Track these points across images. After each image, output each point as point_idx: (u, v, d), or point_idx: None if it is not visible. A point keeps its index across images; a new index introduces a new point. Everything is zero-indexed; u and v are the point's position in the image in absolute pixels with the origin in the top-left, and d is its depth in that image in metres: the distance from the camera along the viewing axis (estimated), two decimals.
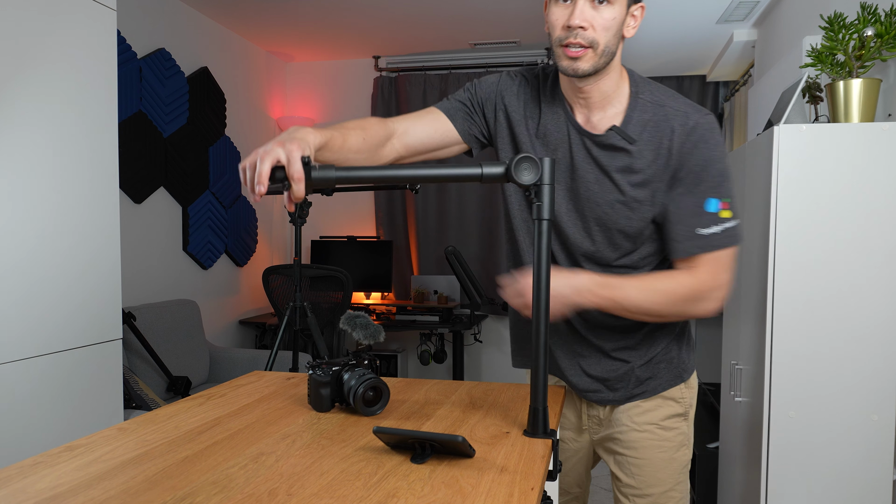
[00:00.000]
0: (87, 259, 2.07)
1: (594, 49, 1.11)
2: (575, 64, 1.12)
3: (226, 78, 4.18)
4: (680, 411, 1.34)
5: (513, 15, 3.90)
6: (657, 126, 1.16)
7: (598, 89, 1.18)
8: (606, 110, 1.20)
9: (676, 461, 1.34)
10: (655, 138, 1.17)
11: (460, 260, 3.87)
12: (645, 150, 1.17)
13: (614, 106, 1.20)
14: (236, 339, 4.37)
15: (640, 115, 1.18)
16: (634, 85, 1.20)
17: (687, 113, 1.16)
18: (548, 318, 1.03)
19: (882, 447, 1.67)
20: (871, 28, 1.69)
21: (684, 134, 1.15)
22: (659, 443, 1.33)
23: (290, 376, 1.50)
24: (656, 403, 1.33)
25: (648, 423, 1.33)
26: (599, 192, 1.21)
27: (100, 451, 1.01)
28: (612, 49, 1.13)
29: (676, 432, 1.34)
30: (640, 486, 1.34)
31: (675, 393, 1.34)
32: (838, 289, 1.68)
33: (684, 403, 1.35)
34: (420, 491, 0.84)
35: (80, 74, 2.03)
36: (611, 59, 1.14)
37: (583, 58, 1.11)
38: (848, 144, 1.66)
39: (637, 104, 1.18)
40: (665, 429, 1.33)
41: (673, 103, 1.18)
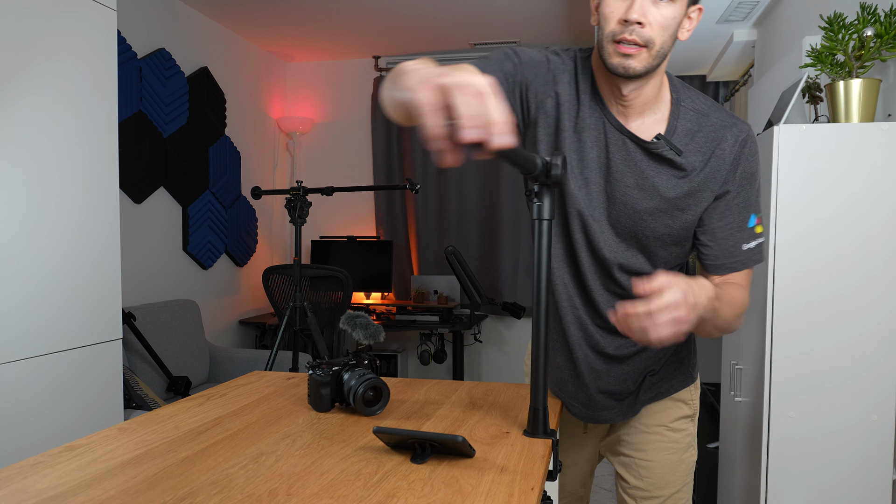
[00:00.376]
0: (87, 259, 2.07)
1: (649, 49, 1.02)
2: (626, 62, 1.03)
3: (226, 78, 4.18)
4: (689, 413, 1.34)
5: (513, 15, 3.90)
6: (706, 137, 1.12)
7: (641, 94, 1.09)
8: (646, 115, 1.12)
9: (685, 462, 1.34)
10: (705, 149, 1.12)
11: (460, 260, 3.87)
12: (693, 160, 1.12)
13: (654, 112, 1.12)
14: (236, 339, 4.37)
15: (685, 124, 1.12)
16: (675, 91, 1.14)
17: (735, 124, 1.13)
18: (548, 318, 1.03)
19: (882, 447, 1.67)
20: (870, 28, 1.69)
21: (737, 146, 1.11)
22: (668, 444, 1.32)
23: (290, 376, 1.50)
24: (666, 405, 1.32)
25: (658, 424, 1.32)
26: (639, 198, 1.14)
27: (100, 451, 1.01)
28: (667, 50, 1.05)
29: (685, 433, 1.33)
30: (648, 487, 1.33)
31: (685, 395, 1.33)
32: (838, 289, 1.68)
33: (693, 405, 1.34)
34: (420, 491, 0.84)
35: (80, 74, 2.03)
36: (663, 60, 1.06)
37: (636, 56, 1.02)
38: (848, 144, 1.66)
39: (680, 112, 1.12)
40: (674, 430, 1.32)
41: (716, 114, 1.13)
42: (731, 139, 1.11)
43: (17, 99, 1.84)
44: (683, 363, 1.32)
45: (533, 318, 1.03)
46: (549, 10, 3.82)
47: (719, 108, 1.14)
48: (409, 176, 4.73)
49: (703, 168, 1.11)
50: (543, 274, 1.01)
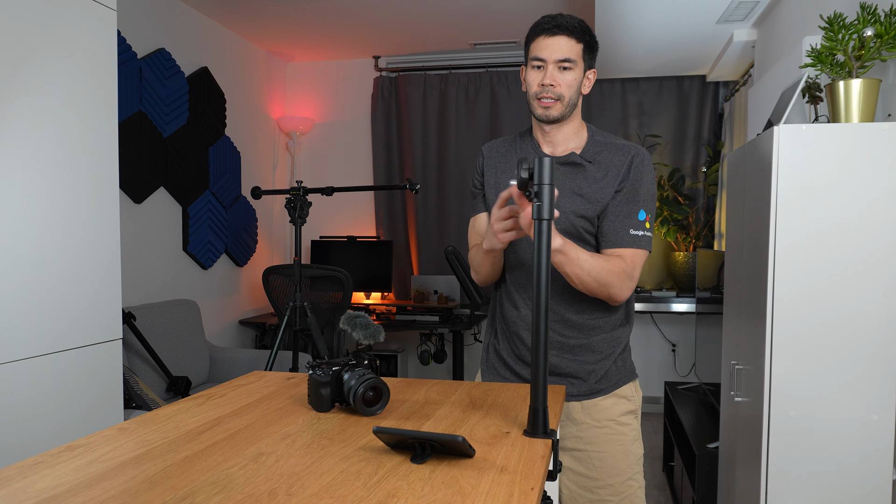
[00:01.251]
0: (87, 259, 2.07)
1: (561, 101, 1.47)
2: (547, 112, 1.48)
3: (226, 78, 4.18)
4: (632, 408, 1.58)
5: (513, 15, 3.90)
6: (609, 154, 1.52)
7: (561, 132, 1.53)
8: (568, 146, 1.54)
9: (632, 453, 1.55)
10: (607, 161, 1.52)
11: (460, 260, 3.87)
12: (598, 169, 1.52)
13: (573, 143, 1.55)
14: (236, 339, 4.37)
15: (594, 147, 1.54)
16: (591, 132, 1.57)
17: (631, 146, 1.54)
18: (547, 318, 1.03)
19: (882, 447, 1.67)
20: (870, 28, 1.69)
21: (629, 158, 1.51)
22: (617, 437, 1.53)
23: (290, 376, 1.50)
24: (612, 402, 1.55)
25: (607, 419, 1.54)
26: (561, 199, 1.50)
27: (100, 451, 1.01)
28: (574, 101, 1.49)
29: (630, 427, 1.56)
30: (601, 476, 1.52)
31: (627, 391, 1.57)
32: (838, 289, 1.68)
33: (635, 401, 1.59)
34: (420, 491, 0.85)
35: (80, 74, 2.03)
36: (573, 108, 1.50)
37: (553, 107, 1.47)
38: (848, 144, 1.66)
39: (593, 142, 1.55)
40: (621, 424, 1.55)
41: (619, 142, 1.55)
42: (624, 155, 1.53)
43: (17, 99, 1.84)
44: (626, 363, 1.60)
45: (533, 317, 1.03)
46: (549, 10, 3.82)
47: (623, 140, 1.56)
48: (409, 176, 4.73)
49: (607, 174, 1.51)
50: (543, 274, 1.01)
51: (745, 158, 2.05)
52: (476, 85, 4.58)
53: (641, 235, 1.48)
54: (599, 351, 1.55)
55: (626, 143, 1.55)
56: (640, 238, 1.48)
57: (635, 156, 1.52)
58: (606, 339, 1.55)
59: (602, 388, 1.55)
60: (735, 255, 2.17)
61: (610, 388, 1.55)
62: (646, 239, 1.49)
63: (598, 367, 1.55)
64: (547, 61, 1.47)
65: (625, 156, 1.52)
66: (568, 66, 1.47)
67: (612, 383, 1.56)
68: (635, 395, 1.59)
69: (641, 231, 1.48)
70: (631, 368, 1.61)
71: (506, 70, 4.53)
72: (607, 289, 1.42)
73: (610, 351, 1.56)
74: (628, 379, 1.59)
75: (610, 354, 1.56)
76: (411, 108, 4.69)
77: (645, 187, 1.50)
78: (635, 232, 1.48)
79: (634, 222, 1.48)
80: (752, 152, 1.97)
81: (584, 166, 1.52)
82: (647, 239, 1.49)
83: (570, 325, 1.54)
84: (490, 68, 4.55)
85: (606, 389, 1.55)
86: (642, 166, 1.51)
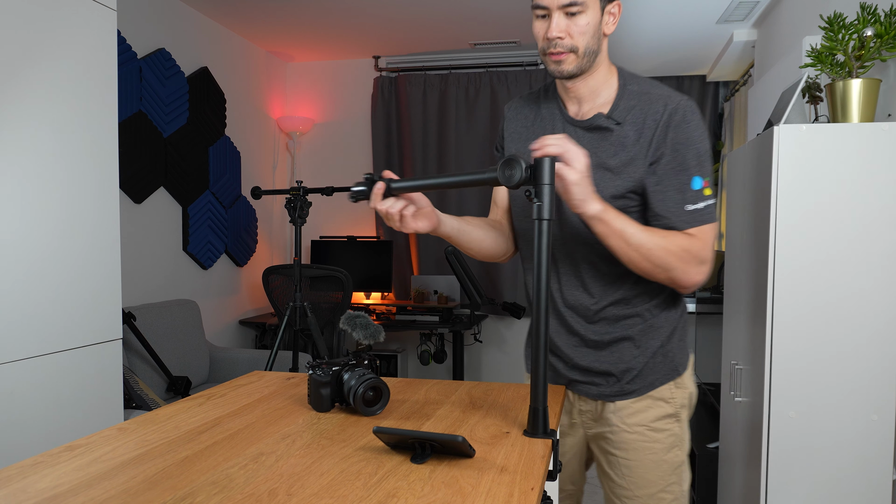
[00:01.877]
0: (87, 259, 2.07)
1: (576, 53, 1.23)
2: (559, 67, 1.25)
3: (226, 78, 4.18)
4: (670, 412, 1.35)
5: (513, 15, 3.90)
6: (642, 109, 1.26)
7: (585, 85, 1.29)
8: (595, 101, 1.30)
9: (667, 462, 1.34)
10: (639, 119, 1.25)
11: (460, 260, 3.87)
12: (629, 130, 1.26)
13: (602, 97, 1.30)
14: (236, 339, 4.37)
15: (626, 102, 1.27)
16: (622, 79, 1.30)
17: (669, 96, 1.26)
18: (548, 318, 1.03)
19: (882, 447, 1.67)
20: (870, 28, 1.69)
21: (665, 114, 1.24)
22: (649, 444, 1.33)
23: (290, 376, 1.50)
24: (646, 404, 1.34)
25: (638, 424, 1.34)
26: None
27: (100, 451, 1.01)
28: (594, 48, 1.24)
29: (667, 434, 1.34)
30: (630, 486, 1.35)
31: (664, 393, 1.35)
32: (838, 289, 1.68)
33: (674, 404, 1.35)
34: (420, 491, 0.84)
35: (80, 74, 2.03)
36: (594, 57, 1.26)
37: (566, 61, 1.24)
38: (848, 144, 1.66)
39: (625, 94, 1.28)
40: (655, 430, 1.34)
41: (656, 90, 1.27)
42: (660, 109, 1.25)
43: (17, 99, 1.84)
44: (668, 356, 1.35)
45: (532, 317, 1.03)
46: None
47: (662, 88, 1.28)
48: (410, 176, 4.73)
49: (639, 138, 1.25)
50: (543, 274, 1.01)
51: (745, 158, 2.05)
52: (476, 85, 4.58)
53: (703, 208, 1.23)
54: (637, 343, 1.34)
55: (664, 93, 1.26)
56: (702, 212, 1.23)
57: (674, 111, 1.23)
58: (644, 330, 1.34)
59: (634, 388, 1.34)
60: (735, 254, 2.17)
61: (644, 389, 1.34)
62: (708, 211, 1.24)
63: (635, 363, 1.34)
64: (550, 8, 1.22)
65: (660, 111, 1.24)
66: (576, 9, 1.21)
67: (646, 383, 1.34)
68: (676, 396, 1.35)
69: (701, 202, 1.23)
70: (674, 364, 1.36)
71: (506, 70, 4.53)
72: (667, 272, 1.21)
73: (646, 344, 1.33)
74: (667, 377, 1.35)
75: (646, 348, 1.33)
76: (411, 108, 4.69)
77: (693, 148, 1.23)
78: (693, 206, 1.23)
79: (690, 195, 1.23)
80: (752, 152, 1.97)
81: (611, 131, 1.27)
82: (709, 210, 1.24)
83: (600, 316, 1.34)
84: (490, 68, 4.55)
85: (639, 391, 1.34)
86: (685, 124, 1.23)
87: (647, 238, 1.19)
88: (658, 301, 1.34)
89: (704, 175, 1.24)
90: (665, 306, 1.35)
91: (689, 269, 1.21)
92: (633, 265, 1.21)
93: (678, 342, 1.36)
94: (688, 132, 1.23)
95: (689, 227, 1.23)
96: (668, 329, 1.35)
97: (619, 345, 1.34)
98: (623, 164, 1.25)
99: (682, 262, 1.21)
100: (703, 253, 1.23)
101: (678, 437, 1.35)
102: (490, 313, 4.61)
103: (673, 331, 1.35)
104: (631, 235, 1.18)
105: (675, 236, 1.22)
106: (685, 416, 1.37)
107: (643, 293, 1.32)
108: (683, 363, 1.37)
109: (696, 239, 1.23)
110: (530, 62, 4.50)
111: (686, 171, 1.23)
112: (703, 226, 1.23)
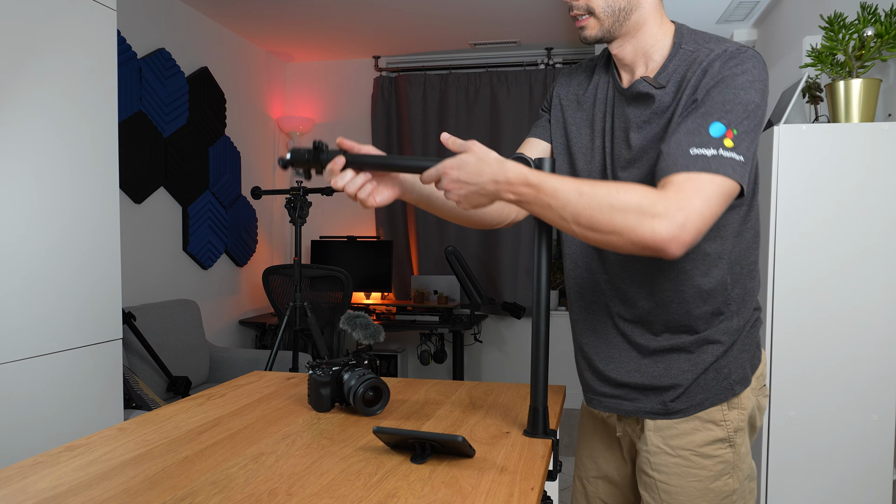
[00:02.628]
0: (87, 259, 2.07)
1: (595, 15, 1.07)
2: (582, 33, 1.09)
3: (226, 78, 4.18)
4: (721, 436, 1.13)
5: (513, 15, 3.90)
6: (688, 66, 1.04)
7: (629, 48, 1.10)
8: (648, 66, 1.10)
9: (713, 492, 1.13)
10: (682, 77, 1.04)
11: (460, 260, 3.87)
12: (670, 91, 1.05)
13: (654, 61, 1.09)
14: (236, 339, 4.37)
15: (677, 63, 1.06)
16: (678, 36, 1.09)
17: (723, 44, 1.03)
18: (548, 318, 1.03)
19: (882, 447, 1.67)
20: (871, 28, 1.69)
21: (708, 61, 1.01)
22: (694, 471, 1.13)
23: (290, 376, 1.50)
24: (693, 426, 1.13)
25: (684, 448, 1.13)
26: (626, 149, 1.11)
27: (100, 451, 1.01)
28: (621, 6, 1.06)
29: (717, 460, 1.13)
30: None
31: (715, 415, 1.13)
32: (838, 289, 1.68)
33: (726, 427, 1.13)
34: (420, 491, 0.84)
35: (80, 74, 2.03)
36: (626, 16, 1.07)
37: (586, 26, 1.08)
38: (848, 144, 1.66)
39: (677, 54, 1.07)
40: (704, 456, 1.13)
41: (711, 44, 1.04)
42: (703, 58, 1.02)
43: (16, 99, 1.84)
44: (722, 374, 1.12)
45: (533, 317, 1.03)
46: (549, 10, 3.81)
47: (720, 41, 1.05)
48: None
49: (672, 102, 1.04)
50: (543, 274, 1.01)
51: None
52: (476, 85, 4.58)
53: (712, 156, 0.93)
54: (689, 355, 1.12)
55: (721, 44, 1.03)
56: (702, 158, 0.94)
57: (717, 57, 1.00)
58: (696, 341, 1.12)
59: (680, 408, 1.13)
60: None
61: (691, 410, 1.13)
62: (714, 160, 0.93)
63: (683, 379, 1.12)
64: None
65: (703, 62, 1.01)
66: None
67: (694, 402, 1.13)
68: (730, 419, 1.13)
69: (711, 149, 0.94)
70: (730, 382, 1.12)
71: (506, 70, 4.53)
72: (615, 229, 0.92)
73: (700, 357, 1.12)
74: (721, 398, 1.12)
75: (699, 362, 1.12)
76: (411, 108, 4.69)
77: (729, 90, 0.97)
78: (698, 151, 0.94)
79: (701, 138, 0.95)
80: None
81: (651, 98, 1.06)
82: (716, 160, 0.93)
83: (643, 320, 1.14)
84: (490, 68, 4.55)
85: (686, 411, 1.13)
86: (728, 64, 0.99)
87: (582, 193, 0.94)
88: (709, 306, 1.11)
89: (731, 124, 0.95)
90: (716, 312, 1.11)
91: (644, 220, 0.91)
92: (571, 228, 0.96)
93: (736, 356, 1.13)
94: (726, 71, 0.98)
95: (676, 171, 0.94)
96: (725, 343, 1.12)
97: (668, 356, 1.13)
98: (645, 134, 1.06)
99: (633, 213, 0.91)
100: (672, 204, 0.91)
101: (730, 463, 1.13)
102: (490, 313, 4.61)
103: (731, 346, 1.13)
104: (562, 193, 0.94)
105: (637, 187, 0.95)
106: (741, 441, 1.14)
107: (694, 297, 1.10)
108: (743, 380, 1.13)
109: (670, 189, 0.93)
110: (530, 62, 4.49)
111: (708, 114, 0.96)
112: (698, 173, 0.93)
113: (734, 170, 0.94)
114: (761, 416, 1.19)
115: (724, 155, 0.94)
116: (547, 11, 3.85)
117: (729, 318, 1.12)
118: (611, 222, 0.92)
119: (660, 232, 0.90)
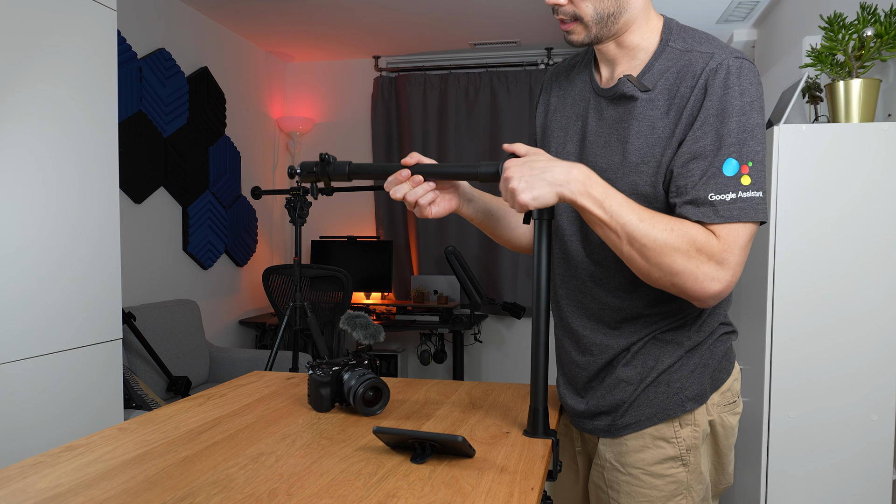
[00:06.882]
0: (87, 259, 2.07)
1: (580, 21, 1.04)
2: (569, 37, 1.06)
3: (226, 78, 4.18)
4: (672, 454, 1.09)
5: (513, 15, 3.90)
6: (678, 73, 1.00)
7: (613, 44, 1.07)
8: (631, 63, 1.07)
9: None
10: (672, 85, 1.00)
11: (460, 260, 3.87)
12: (659, 100, 1.01)
13: (639, 58, 1.06)
14: (236, 339, 4.37)
15: (663, 63, 1.02)
16: (666, 34, 1.05)
17: (713, 54, 0.98)
18: (548, 318, 1.03)
19: (882, 447, 1.67)
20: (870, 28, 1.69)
21: (703, 76, 0.97)
22: (645, 490, 1.10)
23: (290, 376, 1.50)
24: (643, 443, 1.10)
25: (634, 465, 1.11)
26: (605, 155, 1.07)
27: (100, 451, 1.01)
28: (609, 11, 1.02)
29: (668, 480, 1.09)
30: None
31: (665, 431, 1.09)
32: (839, 289, 1.68)
33: (678, 445, 1.09)
34: (420, 491, 0.84)
35: (80, 74, 2.03)
36: (616, 20, 1.03)
37: (573, 31, 1.05)
38: (848, 144, 1.66)
39: (663, 52, 1.03)
40: (654, 475, 1.09)
41: (703, 46, 1.00)
42: (699, 69, 0.98)
43: (16, 99, 1.84)
44: (673, 388, 1.08)
45: (533, 317, 1.03)
46: (549, 10, 3.81)
47: (713, 43, 1.01)
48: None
49: (668, 110, 1.00)
50: (543, 274, 1.01)
51: None
52: (476, 85, 4.58)
53: (732, 201, 0.93)
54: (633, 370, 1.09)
55: (711, 49, 0.99)
56: (729, 206, 0.93)
57: (715, 71, 0.96)
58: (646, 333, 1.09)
59: (628, 423, 1.10)
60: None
61: (641, 425, 1.09)
62: (740, 206, 0.93)
63: (627, 396, 1.10)
64: None
65: (698, 73, 0.97)
66: None
67: (643, 416, 1.09)
68: (681, 436, 1.08)
69: (732, 192, 0.93)
70: (682, 398, 1.08)
71: (506, 70, 4.53)
72: (671, 277, 0.94)
73: (643, 370, 1.09)
74: (670, 413, 1.08)
75: (642, 379, 1.09)
76: (411, 108, 4.69)
77: (733, 121, 0.94)
78: (719, 196, 0.93)
79: (718, 181, 0.94)
80: None
81: (635, 100, 1.03)
82: (746, 203, 0.93)
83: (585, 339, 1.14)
84: (490, 68, 4.55)
85: (635, 426, 1.10)
86: (728, 88, 0.95)
87: (652, 222, 0.94)
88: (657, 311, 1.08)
89: (744, 158, 0.94)
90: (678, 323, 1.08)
91: (705, 267, 0.93)
92: (636, 268, 0.98)
93: (692, 370, 1.08)
94: (729, 99, 0.94)
95: (714, 222, 0.94)
96: (672, 355, 1.08)
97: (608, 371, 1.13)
98: (641, 144, 1.01)
99: (698, 254, 0.93)
100: (725, 255, 0.93)
101: (682, 483, 1.09)
102: (490, 313, 4.61)
103: (687, 355, 1.09)
104: (628, 221, 0.93)
105: (684, 226, 0.94)
106: (695, 460, 1.09)
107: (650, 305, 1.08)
108: (698, 396, 1.09)
109: (717, 238, 0.94)
110: (530, 62, 4.50)
111: (720, 151, 0.94)
112: (730, 224, 0.93)
113: (755, 210, 0.95)
114: (731, 434, 1.14)
115: (744, 196, 0.94)
116: (547, 11, 3.85)
117: (686, 322, 1.09)
118: (674, 256, 0.94)
119: (713, 289, 0.96)
